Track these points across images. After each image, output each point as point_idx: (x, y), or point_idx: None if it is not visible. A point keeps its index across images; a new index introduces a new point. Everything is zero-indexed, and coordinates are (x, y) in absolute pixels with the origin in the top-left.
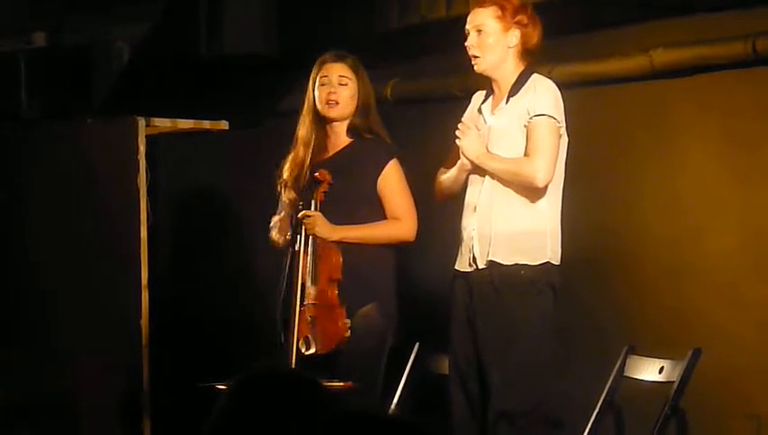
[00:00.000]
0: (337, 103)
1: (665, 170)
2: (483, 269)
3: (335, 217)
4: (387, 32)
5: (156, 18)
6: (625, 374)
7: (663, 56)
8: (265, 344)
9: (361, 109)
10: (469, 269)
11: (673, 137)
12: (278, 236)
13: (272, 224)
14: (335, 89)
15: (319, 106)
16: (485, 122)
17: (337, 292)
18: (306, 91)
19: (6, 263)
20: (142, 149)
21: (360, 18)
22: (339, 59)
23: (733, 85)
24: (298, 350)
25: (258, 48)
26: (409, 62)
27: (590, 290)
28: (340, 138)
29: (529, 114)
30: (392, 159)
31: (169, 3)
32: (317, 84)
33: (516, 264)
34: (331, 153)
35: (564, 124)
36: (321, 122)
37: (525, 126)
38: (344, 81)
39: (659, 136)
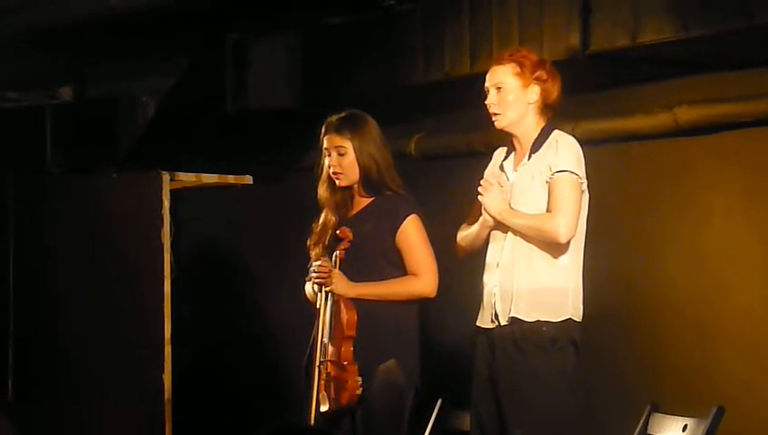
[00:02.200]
0: (341, 174)
1: (689, 227)
2: (505, 326)
3: (355, 274)
4: (411, 87)
5: (181, 73)
6: (648, 432)
7: (687, 113)
8: (287, 399)
9: (368, 168)
10: (491, 326)
11: (697, 193)
12: (311, 293)
13: (306, 279)
14: (336, 161)
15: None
16: (508, 179)
17: (352, 349)
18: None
19: (31, 316)
20: (166, 203)
21: (384, 74)
22: (335, 129)
23: (757, 143)
24: (317, 406)
25: (283, 103)
26: (433, 118)
27: (613, 346)
28: (361, 196)
29: (551, 170)
30: (411, 214)
31: (195, 57)
32: (323, 151)
33: (538, 320)
34: (354, 211)
35: (585, 180)
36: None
37: (547, 182)
38: (342, 150)
39: (684, 193)
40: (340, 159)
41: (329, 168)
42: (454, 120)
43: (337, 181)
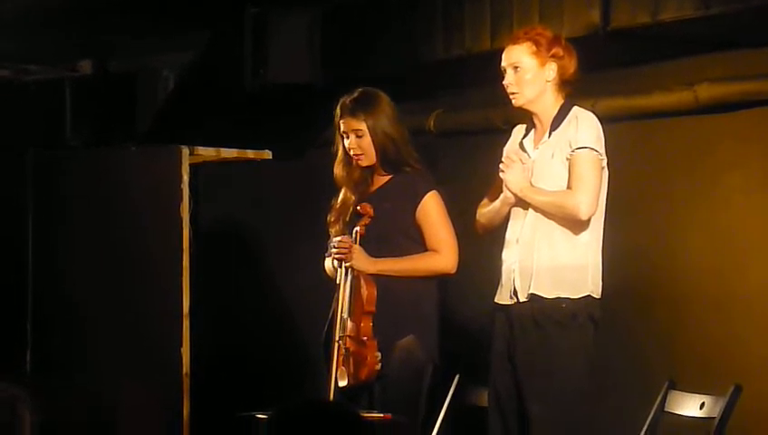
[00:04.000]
0: (361, 154)
1: (708, 204)
2: (524, 302)
3: (375, 250)
4: (431, 63)
5: (201, 48)
6: (666, 409)
7: (707, 91)
8: (306, 374)
9: (385, 146)
10: (510, 302)
11: (717, 171)
12: (330, 268)
13: (326, 255)
14: (354, 143)
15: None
16: (529, 157)
17: (371, 324)
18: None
19: (49, 289)
20: (186, 177)
21: (404, 49)
22: (350, 112)
23: None
24: (336, 382)
25: (303, 78)
26: (453, 94)
27: (632, 323)
28: (380, 173)
29: (571, 147)
30: (431, 190)
31: (215, 32)
32: (340, 133)
33: (558, 297)
34: (374, 187)
35: (605, 157)
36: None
37: (568, 158)
38: (360, 133)
39: (703, 170)
40: (359, 140)
41: (349, 150)
42: (473, 97)
43: (359, 162)
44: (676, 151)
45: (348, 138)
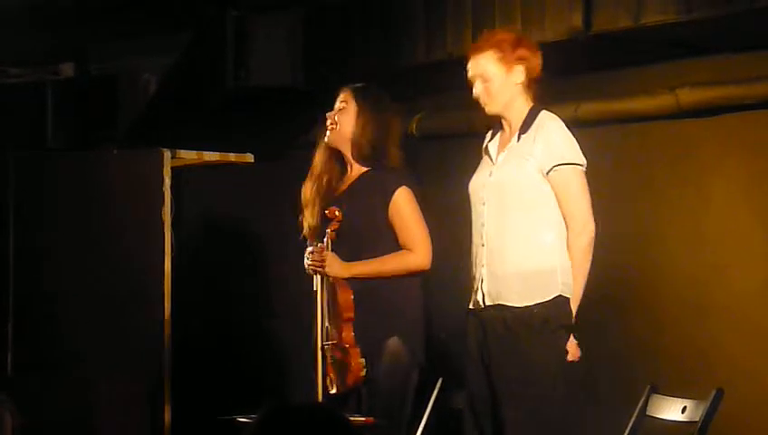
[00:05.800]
0: (335, 126)
1: (689, 208)
2: (493, 307)
3: (347, 252)
4: (413, 67)
5: (183, 51)
6: (647, 414)
7: (689, 95)
8: (287, 378)
9: (361, 136)
10: (480, 307)
11: (698, 175)
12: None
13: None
14: (335, 113)
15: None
16: (493, 161)
17: (352, 332)
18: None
19: (32, 292)
20: (167, 181)
21: (386, 53)
22: (350, 88)
23: (758, 125)
24: (324, 388)
25: (285, 81)
26: (434, 98)
27: (613, 328)
28: (354, 169)
29: (551, 163)
30: (400, 186)
31: (197, 35)
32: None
33: (528, 305)
34: (345, 186)
35: (584, 160)
36: (336, 155)
37: (548, 173)
38: (342, 105)
39: (684, 174)
40: (340, 112)
41: (328, 119)
42: (455, 100)
43: (327, 135)
44: (658, 155)
45: (330, 111)
